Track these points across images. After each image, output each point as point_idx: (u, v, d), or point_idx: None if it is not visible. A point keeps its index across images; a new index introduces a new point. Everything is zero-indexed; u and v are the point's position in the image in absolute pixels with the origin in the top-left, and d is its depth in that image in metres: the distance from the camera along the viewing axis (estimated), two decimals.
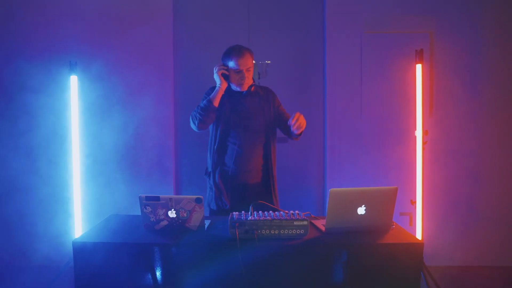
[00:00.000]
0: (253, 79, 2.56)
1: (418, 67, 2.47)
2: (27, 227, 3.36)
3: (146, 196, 1.95)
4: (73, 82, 2.45)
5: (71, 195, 2.54)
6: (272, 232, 1.87)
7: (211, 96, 2.46)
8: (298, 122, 2.30)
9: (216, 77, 2.46)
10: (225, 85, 2.46)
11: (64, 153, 3.09)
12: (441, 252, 3.45)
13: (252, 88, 2.53)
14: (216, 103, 2.45)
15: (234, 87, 2.52)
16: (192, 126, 2.50)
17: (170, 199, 1.95)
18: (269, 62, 3.55)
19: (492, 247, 3.50)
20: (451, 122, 3.48)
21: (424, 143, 2.50)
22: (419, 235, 2.53)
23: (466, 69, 3.49)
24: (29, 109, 3.33)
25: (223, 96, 2.50)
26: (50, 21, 3.35)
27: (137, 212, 2.69)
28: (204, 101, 2.46)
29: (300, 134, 2.48)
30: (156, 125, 3.45)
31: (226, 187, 2.50)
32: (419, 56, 2.46)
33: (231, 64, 2.45)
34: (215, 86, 2.51)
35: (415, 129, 2.72)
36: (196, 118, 2.45)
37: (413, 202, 2.55)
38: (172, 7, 3.48)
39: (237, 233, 1.84)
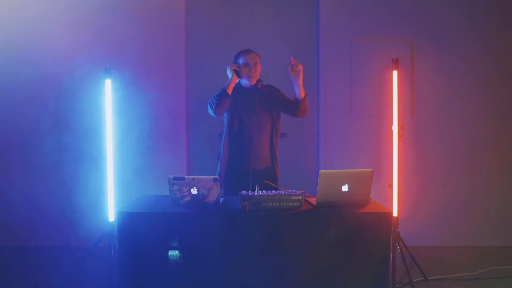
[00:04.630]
0: (260, 79, 3.02)
1: (394, 74, 2.96)
2: (68, 210, 3.89)
3: (173, 177, 2.43)
4: (108, 85, 2.94)
5: (105, 180, 3.02)
6: (274, 204, 2.36)
7: (224, 86, 2.92)
8: (297, 65, 2.85)
9: (229, 71, 2.93)
10: (235, 78, 2.93)
11: (98, 145, 3.61)
12: (420, 234, 3.94)
13: (260, 84, 2.98)
14: (229, 90, 2.91)
15: (244, 82, 3.00)
16: (210, 111, 2.96)
17: (193, 179, 2.43)
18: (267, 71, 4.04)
19: (466, 229, 3.99)
20: (429, 121, 3.98)
21: (400, 136, 2.99)
22: (395, 213, 3.03)
23: (444, 74, 3.97)
24: (72, 108, 3.87)
25: (236, 92, 2.97)
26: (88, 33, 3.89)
27: (158, 193, 3.18)
28: (219, 90, 2.92)
29: (305, 103, 2.96)
30: (172, 119, 3.94)
31: (237, 172, 2.97)
32: (396, 64, 2.96)
33: (240, 60, 2.97)
34: None
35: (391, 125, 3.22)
36: (213, 103, 2.92)
37: (391, 186, 3.04)
38: (184, 20, 3.96)
39: (247, 205, 2.33)
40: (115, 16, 3.89)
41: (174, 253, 2.33)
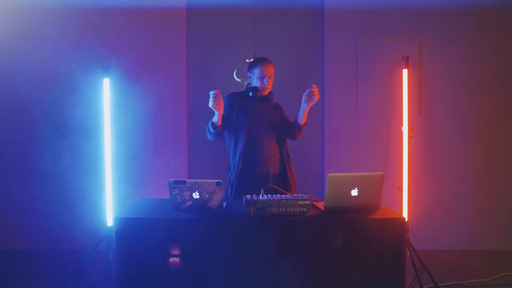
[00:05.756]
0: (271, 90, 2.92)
1: (405, 72, 2.84)
2: (66, 213, 3.78)
3: (174, 180, 2.32)
4: (106, 84, 2.83)
5: (104, 182, 2.91)
6: (280, 209, 2.24)
7: (213, 119, 2.73)
8: (315, 94, 2.71)
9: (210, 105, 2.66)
10: (221, 113, 2.69)
11: (96, 147, 3.49)
12: (427, 237, 3.84)
13: (271, 96, 2.90)
14: (219, 123, 2.74)
15: (252, 92, 2.85)
16: (208, 137, 2.84)
17: (195, 182, 2.32)
18: None
19: (478, 232, 3.89)
20: (438, 120, 3.87)
21: (410, 137, 2.88)
22: (405, 216, 2.92)
23: (452, 73, 3.87)
24: (69, 109, 3.74)
25: (242, 103, 2.86)
26: (86, 31, 3.79)
27: (159, 196, 3.08)
28: (209, 122, 2.76)
29: (302, 130, 2.87)
30: (172, 120, 3.84)
31: (250, 181, 2.82)
32: (406, 62, 2.84)
33: (257, 70, 2.84)
34: (232, 93, 2.90)
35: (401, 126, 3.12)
36: (207, 134, 2.81)
37: (400, 189, 2.93)
38: (185, 20, 3.86)
39: (251, 210, 2.21)
40: (114, 14, 3.78)
41: (174, 261, 2.22)
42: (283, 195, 2.32)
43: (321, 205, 2.43)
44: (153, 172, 3.78)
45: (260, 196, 2.30)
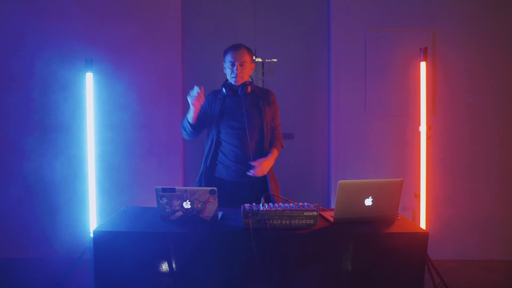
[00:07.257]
0: (252, 79, 2.63)
1: (423, 65, 2.56)
2: (47, 220, 3.49)
3: (162, 188, 2.03)
4: (89, 79, 2.54)
5: (87, 189, 2.63)
6: (283, 222, 1.96)
7: (187, 115, 2.51)
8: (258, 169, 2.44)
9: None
10: (196, 107, 2.42)
11: (80, 148, 3.20)
12: (444, 246, 3.55)
13: (249, 88, 2.55)
14: (193, 120, 2.49)
15: (231, 80, 2.58)
16: (183, 135, 2.61)
17: (185, 190, 2.03)
18: (275, 60, 3.64)
19: (493, 241, 3.60)
20: (454, 119, 3.58)
21: (428, 138, 2.59)
22: (423, 227, 2.63)
23: (468, 67, 3.58)
24: (47, 107, 3.45)
25: (219, 98, 2.59)
26: (66, 21, 3.48)
27: (149, 204, 2.80)
28: (184, 120, 2.53)
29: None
30: (166, 119, 3.55)
31: (220, 184, 2.56)
32: (424, 54, 2.55)
33: (227, 58, 2.57)
34: (215, 90, 2.65)
35: (419, 125, 2.83)
36: (183, 131, 2.57)
37: (417, 196, 2.64)
38: (180, 7, 3.57)
39: (250, 222, 1.93)
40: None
41: (162, 281, 1.94)
42: (286, 205, 2.03)
43: (329, 215, 2.15)
44: (143, 176, 3.49)
45: (260, 206, 2.01)
